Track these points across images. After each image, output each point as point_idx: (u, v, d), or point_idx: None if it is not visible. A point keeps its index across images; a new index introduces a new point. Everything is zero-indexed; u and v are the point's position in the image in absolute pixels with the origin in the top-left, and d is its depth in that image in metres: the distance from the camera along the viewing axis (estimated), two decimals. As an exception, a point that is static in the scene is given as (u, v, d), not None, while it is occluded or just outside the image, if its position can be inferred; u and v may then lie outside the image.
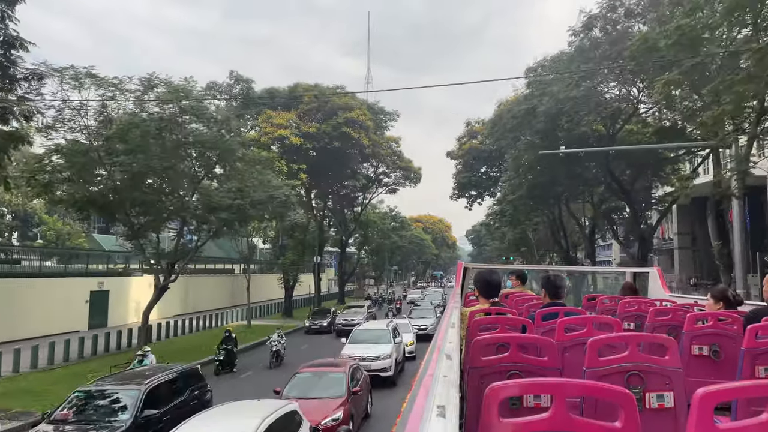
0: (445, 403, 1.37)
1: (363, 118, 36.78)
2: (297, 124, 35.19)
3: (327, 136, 35.75)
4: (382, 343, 15.95)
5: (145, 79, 20.49)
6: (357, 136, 36.16)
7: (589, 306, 5.62)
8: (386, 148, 49.95)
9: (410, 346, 19.88)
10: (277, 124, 34.44)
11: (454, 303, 4.87)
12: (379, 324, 17.92)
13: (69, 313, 27.98)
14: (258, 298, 44.73)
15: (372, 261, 78.34)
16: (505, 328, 3.10)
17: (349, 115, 35.94)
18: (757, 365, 2.98)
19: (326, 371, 11.35)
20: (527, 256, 66.38)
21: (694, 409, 1.27)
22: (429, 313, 28.01)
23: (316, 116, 36.76)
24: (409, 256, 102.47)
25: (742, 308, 4.17)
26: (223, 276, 47.71)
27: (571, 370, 2.67)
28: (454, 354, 2.20)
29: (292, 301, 38.48)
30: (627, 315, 4.69)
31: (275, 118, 35.01)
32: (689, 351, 3.50)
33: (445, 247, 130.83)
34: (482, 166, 45.83)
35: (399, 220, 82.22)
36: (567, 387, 1.45)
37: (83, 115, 20.21)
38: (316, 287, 44.13)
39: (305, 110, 36.51)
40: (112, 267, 34.70)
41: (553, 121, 24.41)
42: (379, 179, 53.35)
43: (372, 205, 70.02)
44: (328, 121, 36.07)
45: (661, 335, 2.76)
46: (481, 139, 43.72)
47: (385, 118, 44.63)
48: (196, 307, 39.22)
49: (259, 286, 46.76)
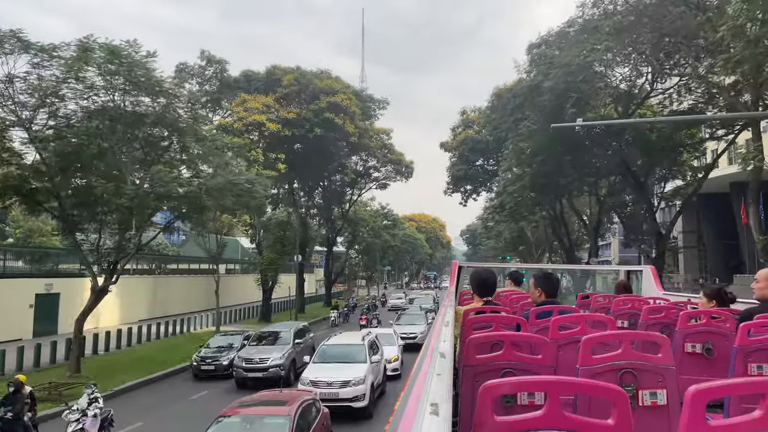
0: (439, 401, 1.33)
1: (348, 102, 33.31)
2: (275, 109, 31.75)
3: (308, 123, 32.28)
4: (356, 362, 12.52)
5: (81, 44, 17.09)
6: (341, 122, 32.70)
7: (583, 304, 5.52)
8: (376, 140, 46.60)
9: (394, 363, 16.49)
10: (252, 109, 31.00)
11: (449, 302, 4.77)
12: (352, 338, 14.30)
13: (9, 319, 24.42)
14: (236, 301, 41.29)
15: (363, 261, 74.80)
16: (500, 326, 3.07)
17: (333, 99, 32.49)
18: (750, 363, 2.96)
19: (263, 414, 7.98)
20: (525, 255, 63.27)
21: (686, 407, 1.28)
22: (419, 319, 24.58)
23: (297, 101, 33.33)
24: (402, 256, 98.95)
25: (735, 306, 4.18)
26: (199, 277, 44.28)
27: (564, 368, 2.64)
28: (448, 352, 2.19)
29: (270, 304, 35.00)
30: (621, 313, 4.69)
31: (250, 102, 31.56)
32: (682, 349, 3.52)
33: (439, 247, 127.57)
34: (478, 159, 42.49)
35: (391, 219, 78.84)
36: (560, 385, 1.46)
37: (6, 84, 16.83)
38: (297, 289, 40.77)
39: (284, 94, 33.02)
40: (66, 267, 31.17)
41: (559, 99, 21.10)
42: (368, 173, 49.97)
43: (363, 203, 66.81)
44: (310, 106, 32.62)
45: (655, 333, 2.85)
46: (478, 129, 40.43)
47: (374, 106, 41.22)
48: (167, 311, 35.76)
49: (237, 287, 43.30)
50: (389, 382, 15.95)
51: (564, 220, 41.66)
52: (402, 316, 25.55)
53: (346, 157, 47.40)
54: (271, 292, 34.86)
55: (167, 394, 16.85)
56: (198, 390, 17.09)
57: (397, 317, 25.68)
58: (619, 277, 8.79)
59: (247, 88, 33.98)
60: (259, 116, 30.81)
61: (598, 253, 41.20)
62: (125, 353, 22.67)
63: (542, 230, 49.37)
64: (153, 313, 34.80)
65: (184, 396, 16.46)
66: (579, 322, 3.03)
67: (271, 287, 34.78)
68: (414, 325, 23.45)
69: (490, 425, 1.39)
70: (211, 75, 35.17)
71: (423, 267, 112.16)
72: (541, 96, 22.13)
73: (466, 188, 46.98)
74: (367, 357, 12.71)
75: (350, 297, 55.77)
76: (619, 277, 8.79)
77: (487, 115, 38.02)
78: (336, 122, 32.44)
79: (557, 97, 20.80)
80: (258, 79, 35.06)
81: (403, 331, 22.14)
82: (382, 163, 49.21)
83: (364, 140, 43.31)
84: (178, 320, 30.05)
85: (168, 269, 39.71)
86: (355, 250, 72.76)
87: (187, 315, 32.91)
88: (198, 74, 35.09)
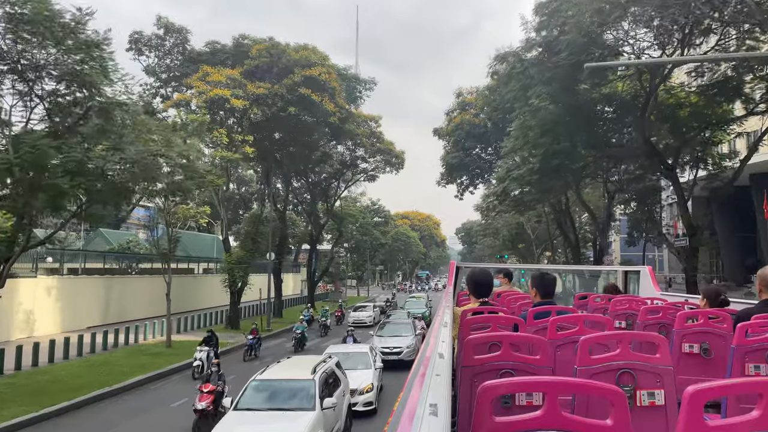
0: (438, 402, 1.33)
1: (327, 77, 28.93)
2: (241, 83, 27.35)
3: (281, 100, 27.91)
4: (297, 410, 8.19)
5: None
6: (319, 99, 28.31)
7: (581, 305, 5.51)
8: (363, 127, 42.28)
9: (366, 394, 12.14)
10: (213, 83, 26.60)
11: (447, 302, 4.61)
12: (300, 369, 9.70)
13: None
14: (205, 304, 36.90)
15: (352, 260, 70.36)
16: (497, 326, 3.05)
17: (309, 73, 28.10)
18: (747, 363, 2.96)
19: None
20: (525, 253, 59.09)
21: (684, 407, 1.28)
22: (406, 329, 20.27)
23: (269, 76, 28.94)
24: (394, 255, 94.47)
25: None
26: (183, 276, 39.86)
27: (562, 368, 2.69)
28: (447, 353, 2.16)
29: (239, 308, 30.62)
30: (618, 313, 4.66)
31: (214, 75, 27.15)
32: (680, 349, 3.52)
33: (434, 246, 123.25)
34: (475, 146, 38.15)
35: (382, 215, 74.51)
36: (559, 385, 1.46)
37: None
38: (275, 291, 36.46)
39: (254, 66, 28.61)
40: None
41: (579, 55, 16.82)
42: (355, 164, 45.64)
43: (352, 199, 62.48)
44: (283, 81, 28.24)
45: (652, 333, 2.85)
46: (476, 112, 36.12)
47: (360, 86, 36.84)
48: (124, 316, 31.34)
49: (205, 289, 38.92)
50: (359, 422, 11.66)
51: (570, 214, 37.56)
52: (386, 325, 21.13)
53: (329, 144, 43.10)
54: (240, 294, 30.48)
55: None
56: (108, 429, 12.76)
57: (378, 327, 21.25)
58: (616, 278, 8.94)
59: (212, 62, 29.56)
60: (221, 91, 26.41)
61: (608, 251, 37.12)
62: (40, 372, 18.18)
63: (545, 226, 45.26)
64: (107, 318, 30.36)
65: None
66: (577, 322, 3.02)
67: (240, 289, 30.41)
68: (399, 336, 19.07)
69: (489, 426, 1.41)
70: (172, 46, 30.74)
71: (417, 266, 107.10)
72: (557, 55, 17.86)
73: (462, 180, 42.74)
74: (316, 401, 8.30)
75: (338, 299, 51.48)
76: (616, 278, 8.94)
77: (485, 96, 33.79)
78: (313, 99, 28.05)
79: (580, 51, 16.51)
80: (224, 51, 30.63)
81: (385, 345, 17.82)
82: (370, 153, 44.90)
83: (350, 125, 38.97)
84: (133, 327, 25.61)
85: (126, 269, 35.14)
86: (344, 248, 68.53)
87: (147, 320, 28.45)
88: (156, 46, 30.70)
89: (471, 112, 36.78)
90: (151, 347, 23.30)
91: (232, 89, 26.95)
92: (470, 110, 36.79)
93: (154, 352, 22.00)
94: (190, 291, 38.61)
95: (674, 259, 59.85)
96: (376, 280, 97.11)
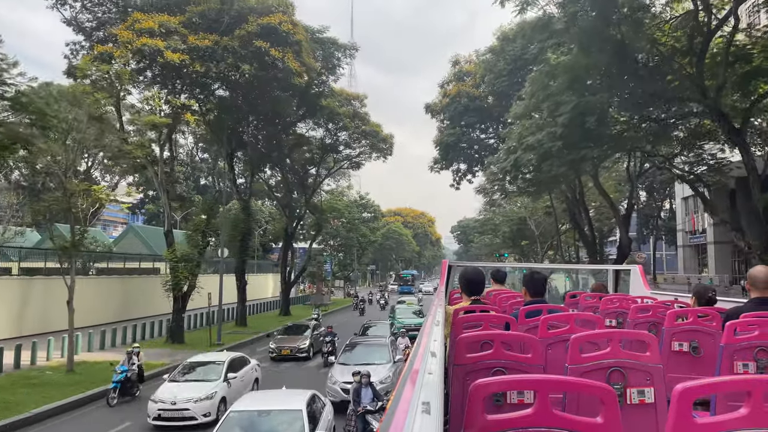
0: (431, 400, 1.32)
1: (291, 28, 23.08)
2: (181, 33, 21.49)
3: (231, 56, 22.08)
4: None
5: None
6: (280, 55, 22.47)
7: (572, 303, 5.53)
8: (346, 107, 36.51)
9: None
10: (143, 31, 20.77)
11: (439, 301, 4.61)
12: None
13: None
14: (150, 312, 30.97)
15: (338, 258, 64.43)
16: (489, 325, 3.06)
17: (267, 20, 22.27)
18: (736, 361, 2.97)
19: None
20: (528, 251, 53.47)
21: (673, 405, 1.28)
22: (381, 353, 14.31)
23: (218, 26, 23.08)
24: (386, 254, 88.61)
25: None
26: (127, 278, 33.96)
27: (553, 366, 2.69)
28: (439, 351, 2.15)
29: (182, 317, 24.69)
30: (609, 312, 4.69)
31: (144, 21, 21.31)
32: (669, 347, 3.52)
33: (428, 245, 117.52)
34: (474, 124, 32.33)
35: (371, 210, 68.69)
36: (550, 383, 1.48)
37: None
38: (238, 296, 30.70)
39: (199, 13, 22.71)
40: None
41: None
42: (336, 149, 39.85)
43: (338, 192, 56.73)
44: (235, 32, 22.41)
45: (642, 332, 2.85)
46: (476, 82, 30.31)
47: (337, 52, 30.98)
48: (48, 326, 25.38)
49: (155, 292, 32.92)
50: None
51: (585, 205, 32.00)
52: (355, 348, 15.11)
53: (307, 125, 37.26)
54: (185, 300, 24.59)
55: None
56: None
57: (344, 350, 15.22)
58: (606, 276, 9.19)
59: (152, 12, 23.65)
60: (153, 40, 20.53)
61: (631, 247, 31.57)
62: None
63: (552, 219, 39.64)
64: (22, 330, 24.50)
65: None
66: (568, 321, 3.06)
67: (185, 294, 24.52)
68: (371, 365, 13.18)
69: (480, 423, 1.41)
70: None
71: (410, 265, 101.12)
72: None
73: (459, 167, 37.07)
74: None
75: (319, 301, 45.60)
76: (606, 276, 9.19)
77: (487, 61, 28.05)
78: (273, 54, 22.18)
79: None
80: (168, 0, 24.69)
81: (348, 380, 11.96)
82: (353, 137, 39.13)
83: (330, 102, 33.24)
84: (29, 344, 19.67)
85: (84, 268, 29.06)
86: (329, 246, 62.73)
87: (81, 330, 22.53)
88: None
89: (469, 83, 31.00)
90: (45, 372, 17.37)
91: (168, 40, 21.08)
92: (468, 81, 31.01)
93: (40, 382, 16.09)
94: (135, 296, 32.77)
95: (689, 259, 54.34)
96: (367, 280, 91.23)
